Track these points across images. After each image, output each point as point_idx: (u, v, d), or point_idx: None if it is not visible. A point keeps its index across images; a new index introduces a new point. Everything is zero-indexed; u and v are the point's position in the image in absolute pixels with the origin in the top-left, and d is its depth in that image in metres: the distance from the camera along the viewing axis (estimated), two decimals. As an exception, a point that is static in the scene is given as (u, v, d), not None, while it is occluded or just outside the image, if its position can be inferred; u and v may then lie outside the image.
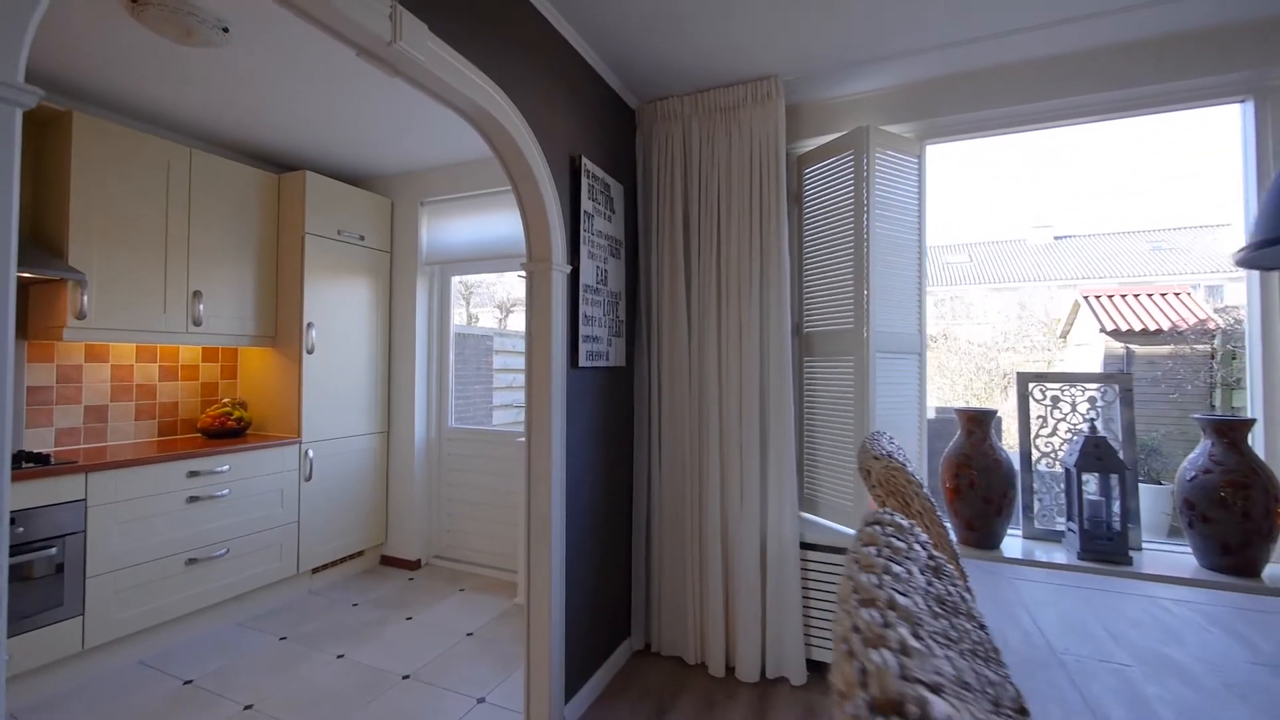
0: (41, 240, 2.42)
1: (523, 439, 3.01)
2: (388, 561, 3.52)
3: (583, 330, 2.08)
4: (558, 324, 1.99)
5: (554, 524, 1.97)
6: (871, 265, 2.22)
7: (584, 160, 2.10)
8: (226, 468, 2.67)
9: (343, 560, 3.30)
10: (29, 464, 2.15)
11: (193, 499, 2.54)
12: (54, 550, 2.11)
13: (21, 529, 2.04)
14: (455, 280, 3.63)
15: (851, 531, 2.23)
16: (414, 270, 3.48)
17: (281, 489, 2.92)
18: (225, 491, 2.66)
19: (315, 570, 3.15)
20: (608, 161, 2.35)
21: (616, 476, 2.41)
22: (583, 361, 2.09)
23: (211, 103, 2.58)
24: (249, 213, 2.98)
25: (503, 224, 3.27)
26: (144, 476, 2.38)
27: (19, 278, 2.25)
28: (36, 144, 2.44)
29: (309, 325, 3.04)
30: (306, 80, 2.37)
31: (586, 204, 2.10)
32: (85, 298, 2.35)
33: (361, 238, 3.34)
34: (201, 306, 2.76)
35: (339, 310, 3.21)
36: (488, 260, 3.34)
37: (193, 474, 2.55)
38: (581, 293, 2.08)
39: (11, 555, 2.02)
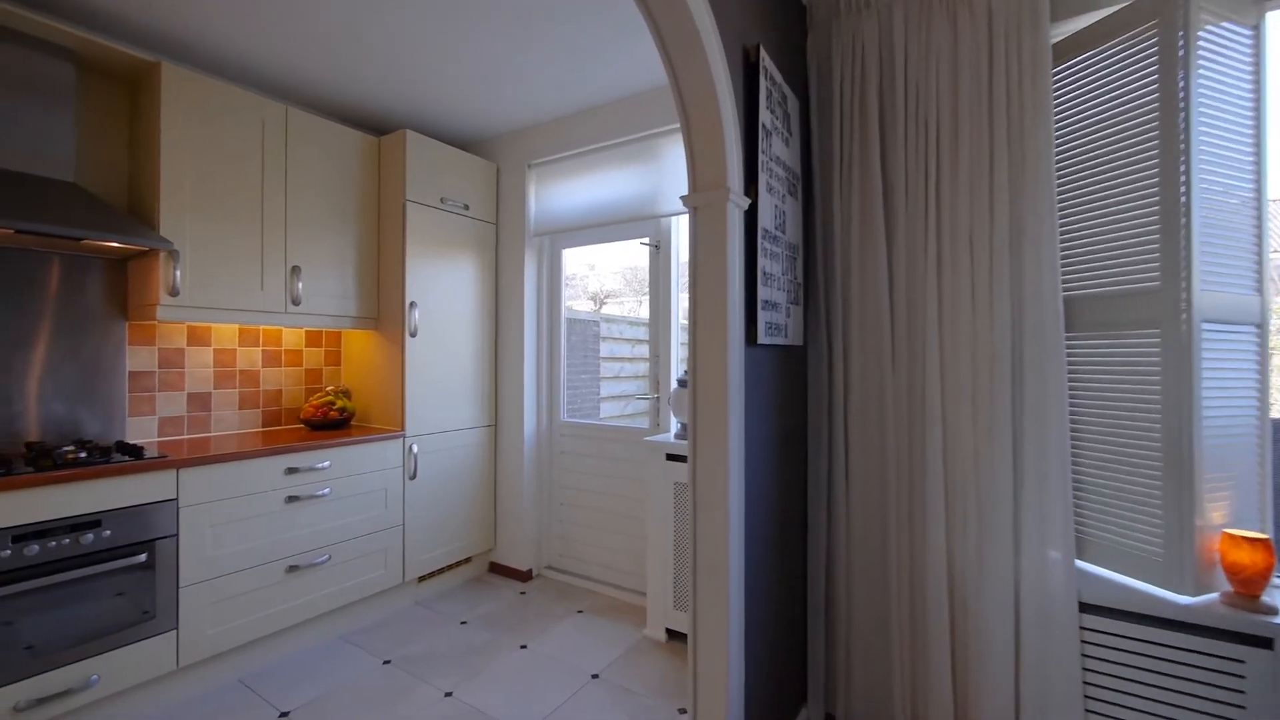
0: (135, 209, 2.20)
1: (651, 439, 2.52)
2: (497, 570, 3.16)
3: (762, 293, 1.50)
4: (734, 281, 1.41)
5: (731, 560, 1.41)
6: (1195, 191, 1.46)
7: (762, 53, 1.50)
8: (327, 464, 2.37)
9: (450, 568, 2.97)
10: (123, 457, 1.91)
11: (291, 498, 2.26)
12: (144, 556, 1.86)
13: (109, 531, 1.80)
14: (564, 255, 3.17)
15: (1167, 594, 1.48)
16: (521, 242, 3.07)
17: (385, 488, 2.60)
18: (326, 491, 2.37)
19: (421, 579, 2.83)
20: (782, 66, 1.74)
21: (790, 499, 1.82)
22: (762, 337, 1.50)
23: (303, 52, 2.26)
24: (349, 179, 2.67)
25: (622, 181, 2.76)
26: (239, 473, 2.10)
27: (114, 249, 2.03)
28: (130, 108, 2.23)
29: (411, 305, 2.70)
30: (411, 10, 1.96)
31: (764, 116, 1.51)
32: (178, 272, 2.10)
33: (466, 206, 2.96)
34: (300, 284, 2.48)
35: (442, 288, 2.86)
36: (605, 226, 2.85)
37: (291, 470, 2.26)
38: (760, 240, 1.49)
39: (98, 561, 1.77)
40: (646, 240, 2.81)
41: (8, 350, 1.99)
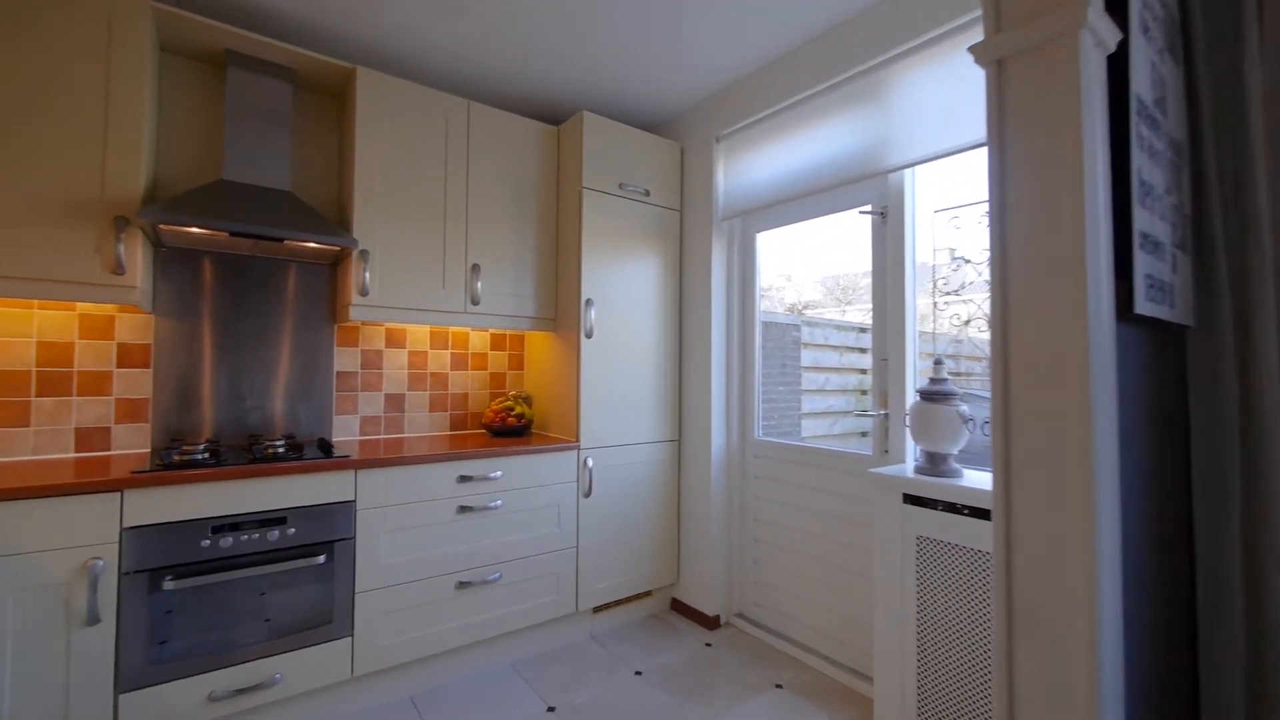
0: (336, 213, 2.31)
1: (879, 470, 1.83)
2: (680, 609, 2.72)
3: (1139, 220, 0.80)
4: (1094, 189, 0.75)
5: (1105, 682, 0.73)
6: None
7: None
8: (499, 474, 2.19)
9: (627, 600, 2.62)
10: (318, 453, 1.93)
11: (463, 509, 2.11)
12: (323, 558, 1.82)
13: (293, 529, 1.79)
14: (758, 240, 2.65)
15: None
16: (708, 229, 2.64)
17: (558, 504, 2.35)
18: (498, 503, 2.19)
19: (596, 610, 2.52)
20: None
21: (1168, 565, 1.02)
22: (1140, 303, 0.80)
23: (483, 40, 2.15)
24: (527, 173, 2.54)
25: (831, 137, 2.15)
26: (412, 478, 2.00)
27: (317, 250, 2.10)
28: (335, 119, 2.35)
29: (587, 302, 2.44)
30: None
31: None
32: (367, 273, 2.11)
33: (646, 192, 2.64)
34: (480, 283, 2.39)
35: (621, 284, 2.56)
36: (809, 198, 2.27)
37: (463, 479, 2.11)
38: (1133, 119, 0.80)
39: (281, 560, 1.76)
40: (868, 208, 2.16)
41: (251, 350, 2.19)
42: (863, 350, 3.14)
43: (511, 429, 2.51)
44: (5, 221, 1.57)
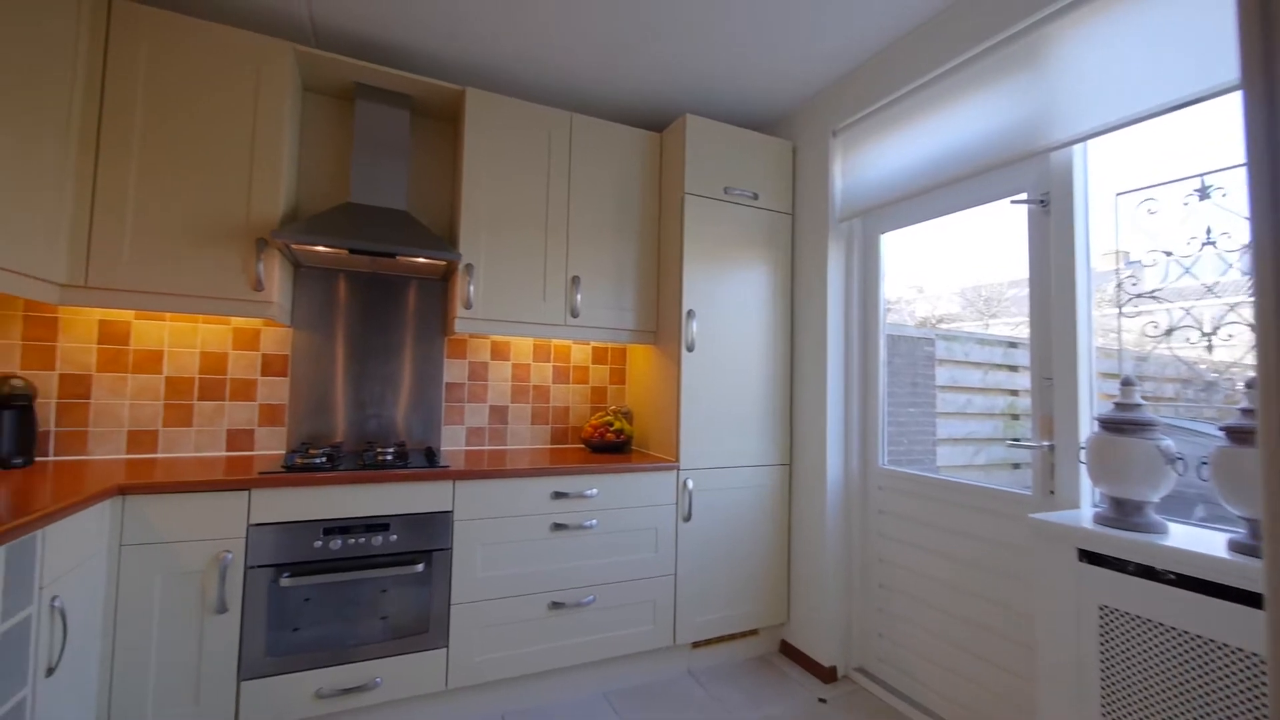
0: (446, 229, 2.41)
1: (1043, 516, 1.43)
2: (790, 654, 2.45)
3: None
4: None
5: None
6: None
7: None
8: (594, 491, 2.11)
9: (730, 638, 2.40)
10: (424, 462, 1.97)
11: (558, 526, 2.05)
12: (421, 567, 1.84)
13: (395, 536, 1.83)
14: (882, 242, 2.34)
15: None
16: (824, 233, 2.39)
17: (655, 528, 2.22)
18: (593, 522, 2.10)
19: (695, 645, 2.34)
20: None
21: None
22: None
23: (585, 49, 2.13)
24: (628, 182, 2.48)
25: (973, 115, 1.83)
26: (507, 491, 1.98)
27: (431, 264, 2.17)
28: (447, 141, 2.46)
29: (689, 313, 2.30)
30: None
31: None
32: (471, 286, 2.16)
33: (754, 196, 2.46)
34: (579, 295, 2.35)
35: (725, 294, 2.39)
36: (946, 188, 1.95)
37: (558, 495, 2.06)
38: None
39: (383, 565, 1.81)
40: (1021, 197, 1.80)
41: (373, 361, 2.33)
42: (1013, 368, 2.67)
43: (610, 445, 2.43)
44: (171, 245, 1.79)
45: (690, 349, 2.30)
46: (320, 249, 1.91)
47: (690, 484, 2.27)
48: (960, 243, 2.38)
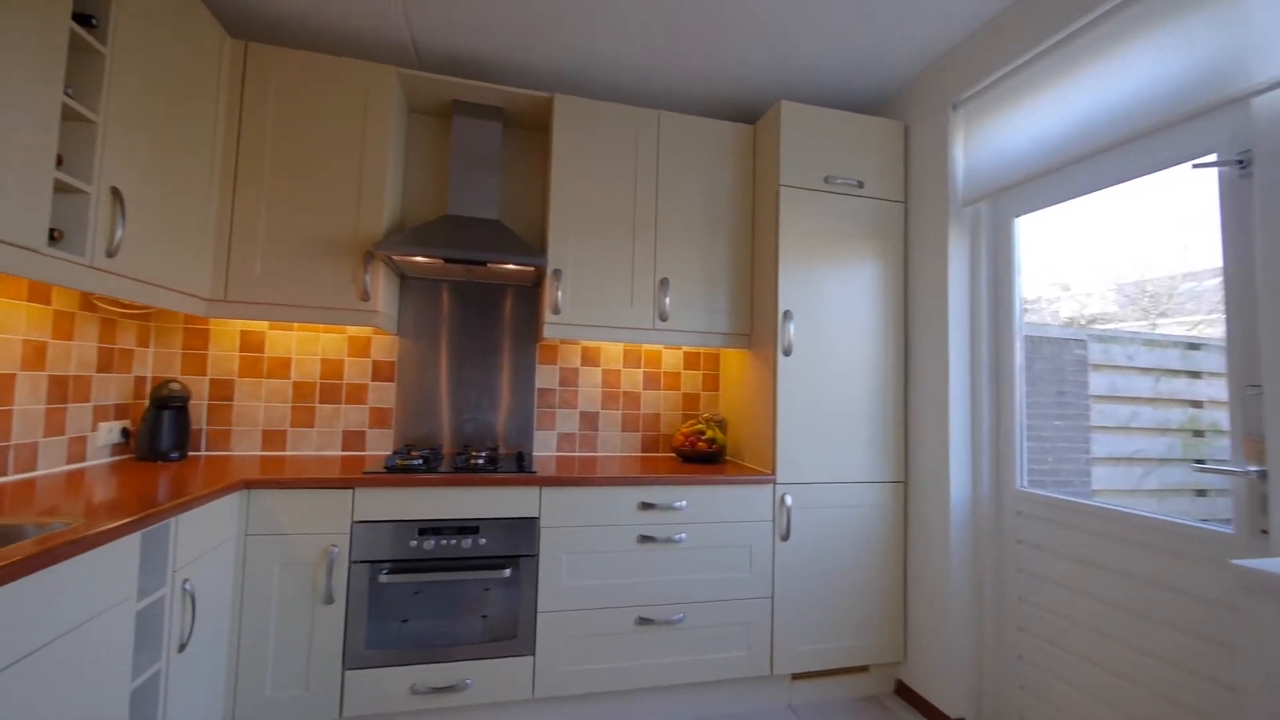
0: (536, 236, 2.43)
1: (1251, 564, 1.08)
2: (906, 696, 2.16)
3: None
4: None
5: None
6: None
7: None
8: (683, 503, 2.01)
9: (836, 673, 2.17)
10: (513, 467, 1.99)
11: (645, 539, 1.97)
12: (509, 572, 1.84)
13: (484, 540, 1.84)
14: (1016, 227, 2.01)
15: None
16: (944, 220, 2.11)
17: (750, 545, 2.06)
18: (681, 536, 1.99)
19: (796, 677, 2.14)
20: None
21: None
22: None
23: (673, 42, 2.06)
24: (719, 178, 2.36)
25: (1137, 63, 1.50)
26: (592, 500, 1.93)
27: (521, 270, 2.20)
28: (541, 147, 2.48)
29: (785, 315, 2.13)
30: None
31: None
32: (560, 291, 2.15)
33: (860, 184, 2.24)
34: (668, 298, 2.26)
35: (826, 293, 2.19)
36: (1102, 154, 1.62)
37: (645, 506, 1.98)
38: None
39: (471, 569, 1.82)
40: (1211, 158, 1.45)
41: (471, 367, 2.41)
42: (1194, 374, 2.19)
43: (701, 455, 2.31)
44: (294, 261, 1.96)
45: (787, 353, 2.12)
46: (417, 259, 2.00)
47: (789, 500, 2.08)
48: (1116, 227, 1.99)
